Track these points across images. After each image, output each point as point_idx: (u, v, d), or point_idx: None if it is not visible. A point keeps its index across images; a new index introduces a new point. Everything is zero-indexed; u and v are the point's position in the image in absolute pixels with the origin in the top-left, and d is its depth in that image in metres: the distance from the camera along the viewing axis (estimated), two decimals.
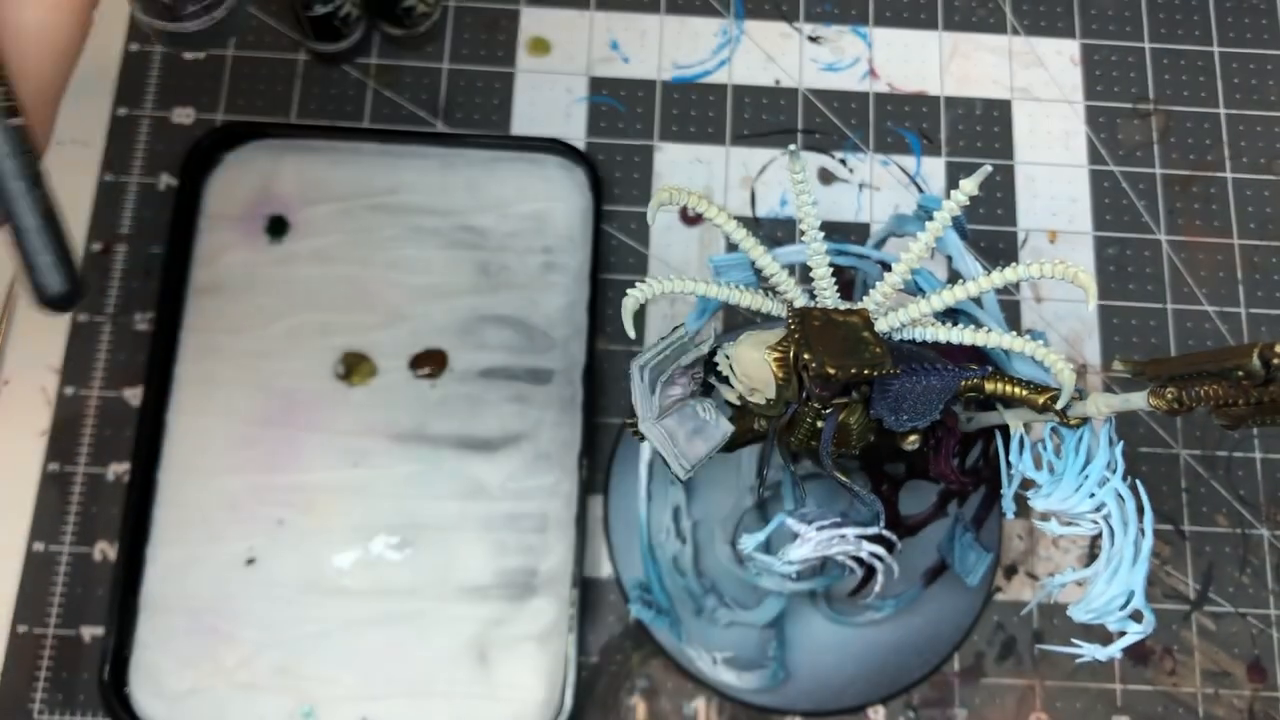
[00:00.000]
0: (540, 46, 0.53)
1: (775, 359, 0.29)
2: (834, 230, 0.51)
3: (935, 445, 0.32)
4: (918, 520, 0.36)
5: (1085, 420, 0.29)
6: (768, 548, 0.34)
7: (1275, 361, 0.24)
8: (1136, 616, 0.28)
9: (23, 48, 0.26)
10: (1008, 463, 0.30)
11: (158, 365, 0.46)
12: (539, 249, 0.49)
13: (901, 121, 0.53)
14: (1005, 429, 0.31)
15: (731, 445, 0.32)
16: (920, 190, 0.52)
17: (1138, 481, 0.29)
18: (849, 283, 0.37)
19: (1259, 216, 0.52)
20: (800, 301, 0.31)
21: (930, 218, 0.31)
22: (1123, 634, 0.28)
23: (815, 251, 0.31)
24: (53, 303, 0.25)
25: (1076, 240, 0.52)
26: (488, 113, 0.52)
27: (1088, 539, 0.47)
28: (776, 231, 0.51)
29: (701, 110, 0.52)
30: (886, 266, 0.34)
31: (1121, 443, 0.29)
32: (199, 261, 0.48)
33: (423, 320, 0.47)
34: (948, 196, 0.31)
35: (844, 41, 0.54)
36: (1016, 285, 0.51)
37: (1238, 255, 0.52)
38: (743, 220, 0.47)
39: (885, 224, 0.38)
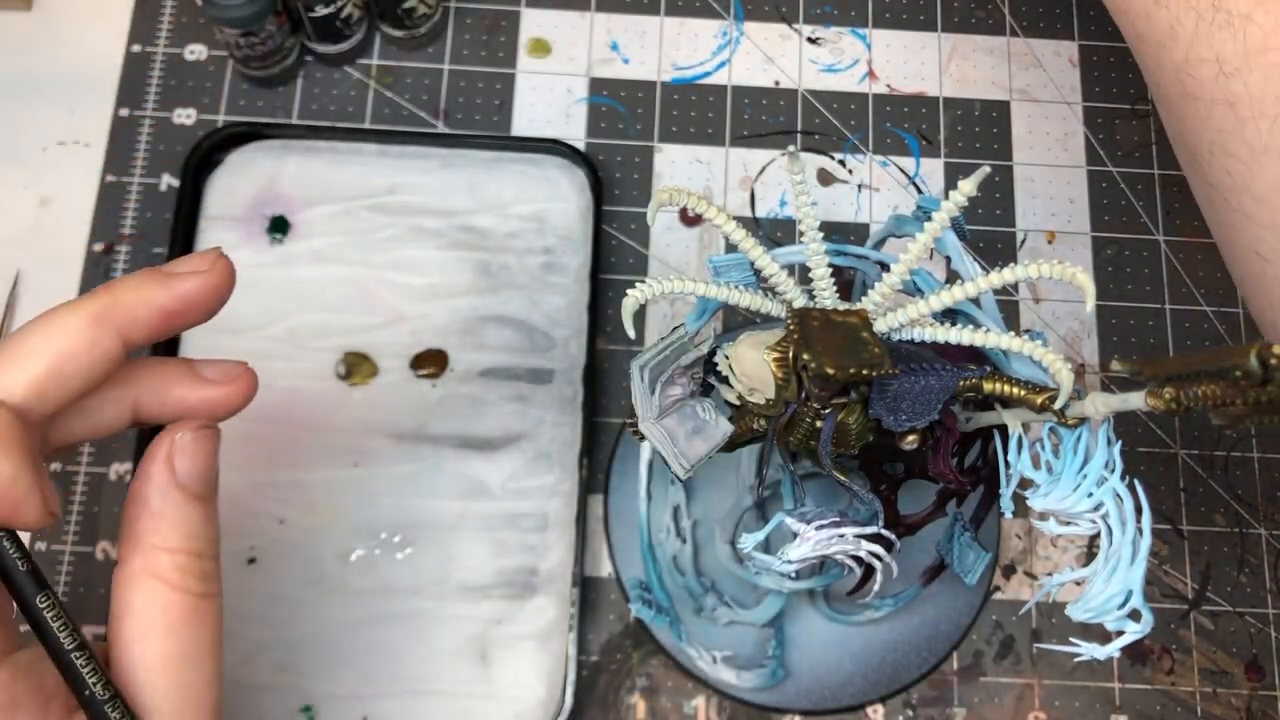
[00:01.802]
0: (540, 47, 0.53)
1: (774, 359, 0.29)
2: (833, 231, 0.51)
3: (934, 445, 0.32)
4: (916, 520, 0.36)
5: (1083, 420, 0.29)
6: (767, 547, 0.34)
7: (1273, 361, 0.24)
8: (1135, 615, 0.28)
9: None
10: (1006, 462, 0.30)
11: None
12: (539, 249, 0.49)
13: (900, 122, 0.53)
14: (1004, 429, 0.31)
15: (731, 445, 0.32)
16: (919, 191, 0.52)
17: (1136, 481, 0.29)
18: (848, 283, 0.37)
19: None
20: (799, 302, 0.31)
21: (929, 218, 0.31)
22: (1121, 633, 0.28)
23: (814, 252, 0.31)
24: None
25: (1075, 241, 0.52)
26: (488, 113, 0.52)
27: (1086, 538, 0.47)
28: (776, 232, 0.51)
29: (701, 111, 0.53)
30: (885, 267, 0.34)
31: (1120, 442, 0.29)
32: None
33: (423, 320, 0.47)
34: (946, 197, 0.31)
35: (843, 43, 0.54)
36: (1015, 286, 0.51)
37: None
38: (742, 221, 0.48)
39: (884, 225, 0.38)
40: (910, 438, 0.31)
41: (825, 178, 0.52)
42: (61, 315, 0.26)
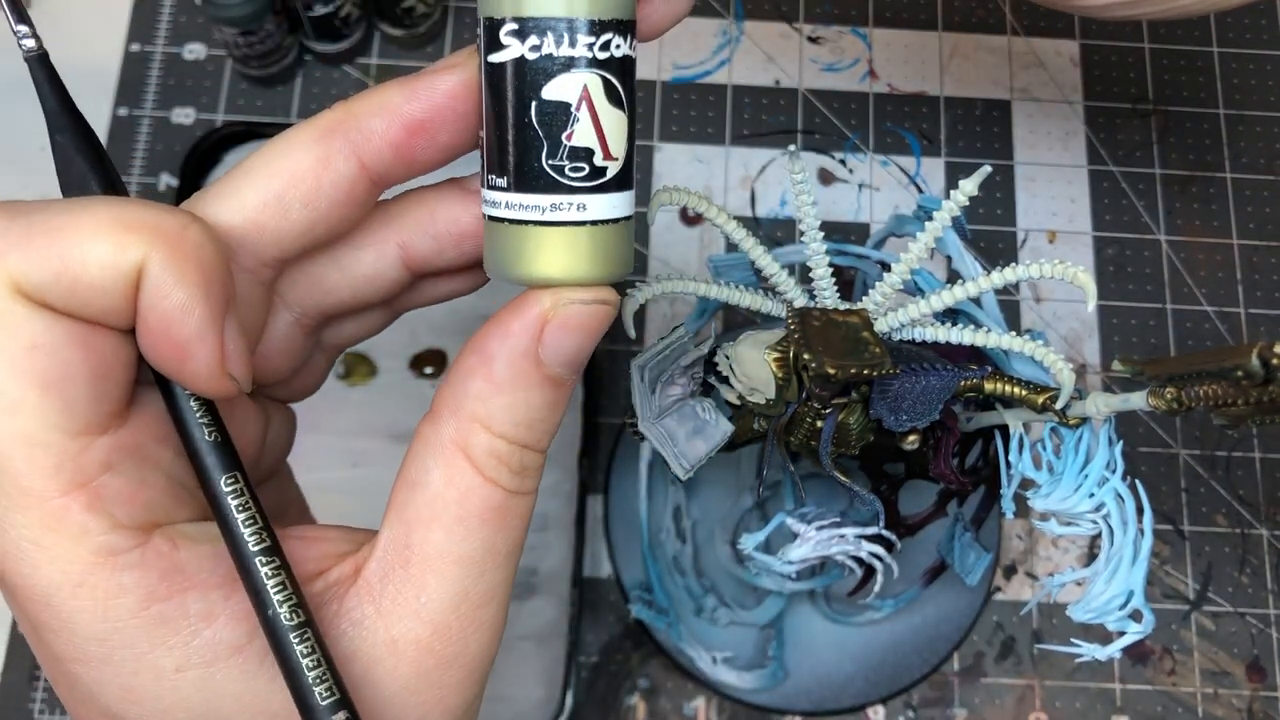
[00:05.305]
0: None
1: (775, 359, 0.29)
2: (834, 230, 0.51)
3: (935, 445, 0.32)
4: (917, 520, 0.36)
5: (1085, 420, 0.29)
6: (767, 547, 0.34)
7: (1274, 361, 0.24)
8: (1136, 616, 0.28)
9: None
10: (1007, 463, 0.30)
11: None
12: None
13: (901, 122, 0.53)
14: (1005, 429, 0.31)
15: (731, 445, 0.32)
16: (920, 190, 0.52)
17: (1137, 481, 0.29)
18: (849, 283, 0.37)
19: (1258, 217, 0.52)
20: (800, 301, 0.31)
21: (930, 218, 0.31)
22: (1122, 634, 0.28)
23: (815, 251, 0.31)
24: None
25: (1076, 240, 0.52)
26: None
27: (1087, 539, 0.47)
28: (776, 231, 0.51)
29: (701, 110, 0.52)
30: (886, 266, 0.34)
31: (1121, 442, 0.29)
32: None
33: (422, 320, 0.47)
34: (947, 197, 0.31)
35: (844, 42, 0.54)
36: (1016, 285, 0.51)
37: (1237, 255, 0.52)
38: (743, 220, 0.47)
39: (885, 224, 0.38)
40: (911, 438, 0.31)
41: (826, 177, 0.52)
42: (288, 135, 0.22)
